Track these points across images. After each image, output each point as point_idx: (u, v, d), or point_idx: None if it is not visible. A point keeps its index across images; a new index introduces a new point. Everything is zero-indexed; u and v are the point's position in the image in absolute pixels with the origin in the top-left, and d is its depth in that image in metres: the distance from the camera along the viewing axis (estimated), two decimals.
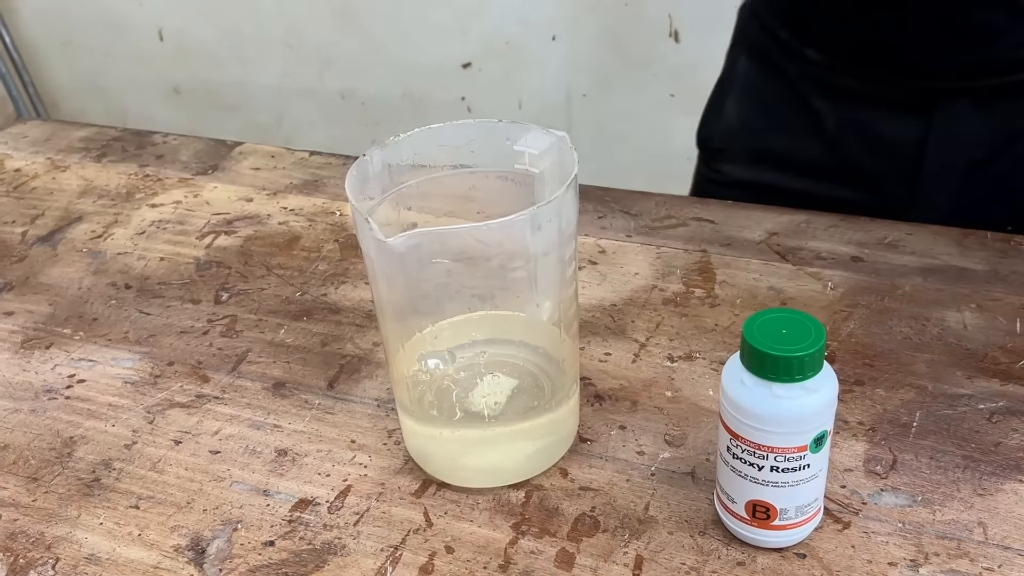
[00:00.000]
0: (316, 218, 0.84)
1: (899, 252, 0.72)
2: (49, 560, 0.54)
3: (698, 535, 0.52)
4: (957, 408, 0.58)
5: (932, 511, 0.52)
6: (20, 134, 1.04)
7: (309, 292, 0.74)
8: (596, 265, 0.74)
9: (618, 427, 0.59)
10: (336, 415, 0.62)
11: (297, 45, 1.88)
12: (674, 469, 0.56)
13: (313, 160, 0.94)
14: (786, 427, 0.46)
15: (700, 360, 0.64)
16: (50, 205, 0.89)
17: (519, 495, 0.55)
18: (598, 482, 0.55)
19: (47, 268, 0.80)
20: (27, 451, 0.61)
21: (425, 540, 0.53)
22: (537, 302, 0.55)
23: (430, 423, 0.56)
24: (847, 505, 0.53)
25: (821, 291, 0.69)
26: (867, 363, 0.62)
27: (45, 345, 0.71)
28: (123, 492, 0.58)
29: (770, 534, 0.50)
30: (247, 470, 0.58)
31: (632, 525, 0.52)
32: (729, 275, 0.71)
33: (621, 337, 0.66)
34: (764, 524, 0.49)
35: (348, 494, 0.56)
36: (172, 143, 0.99)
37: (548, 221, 0.48)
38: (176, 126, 1.93)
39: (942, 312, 0.66)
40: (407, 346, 0.55)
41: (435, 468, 0.57)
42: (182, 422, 0.62)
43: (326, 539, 0.53)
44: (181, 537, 0.54)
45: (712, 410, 0.60)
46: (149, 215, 0.87)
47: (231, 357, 0.68)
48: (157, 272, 0.78)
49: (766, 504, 0.48)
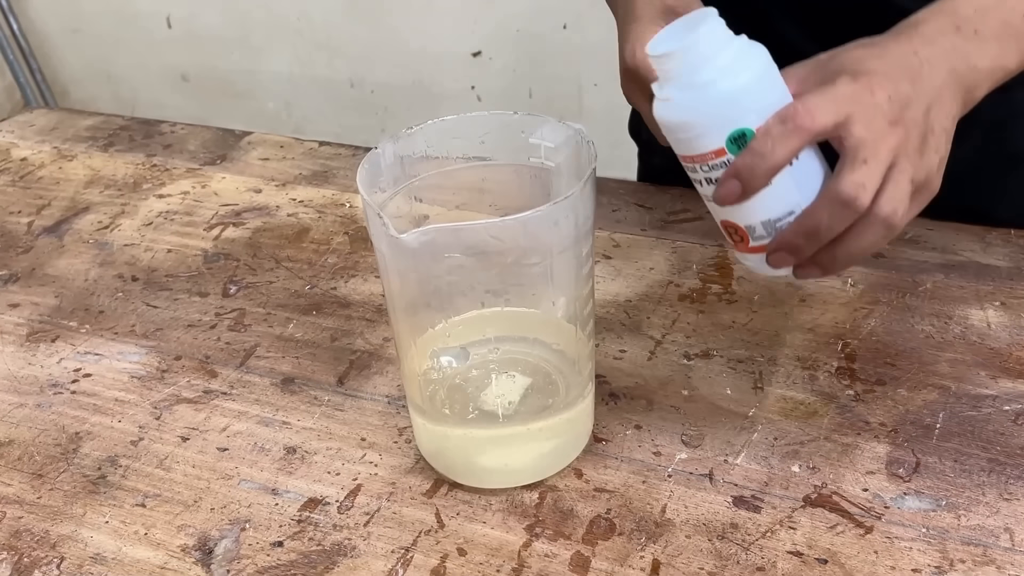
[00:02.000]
0: (326, 210, 0.83)
1: (920, 248, 0.71)
2: (54, 559, 0.53)
3: (716, 539, 0.50)
4: (981, 409, 0.57)
5: (957, 516, 0.51)
6: (27, 123, 1.02)
7: (319, 285, 0.73)
8: (610, 259, 0.73)
9: (634, 426, 0.58)
10: (346, 412, 0.61)
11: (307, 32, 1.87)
12: (691, 471, 0.54)
13: (323, 151, 0.92)
14: (685, 131, 0.45)
15: (717, 358, 0.62)
16: (56, 195, 0.88)
17: (533, 496, 0.54)
18: (613, 483, 0.54)
19: (53, 259, 0.79)
20: (32, 447, 0.60)
21: (437, 542, 0.52)
22: (552, 299, 0.53)
23: (442, 422, 0.55)
24: (869, 509, 0.51)
25: (841, 287, 0.67)
26: (889, 362, 0.61)
27: (51, 338, 0.70)
28: (129, 490, 0.57)
29: (754, 258, 0.48)
30: (255, 468, 0.57)
31: (649, 528, 0.51)
32: (747, 271, 0.70)
33: (636, 334, 0.65)
34: (743, 247, 0.48)
35: (358, 494, 0.55)
36: (180, 132, 0.98)
37: (565, 217, 0.47)
38: (185, 113, 1.92)
39: (965, 310, 0.65)
40: (419, 342, 0.54)
41: (447, 468, 0.55)
42: (189, 418, 0.61)
43: (336, 540, 0.52)
44: (188, 537, 0.53)
45: (730, 410, 0.58)
46: (156, 206, 0.85)
47: (239, 352, 0.67)
48: (164, 264, 0.77)
49: (732, 224, 0.47)
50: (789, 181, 0.45)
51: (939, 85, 0.48)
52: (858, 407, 0.58)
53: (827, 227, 0.46)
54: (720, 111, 0.44)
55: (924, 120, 0.47)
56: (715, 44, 0.44)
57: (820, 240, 0.46)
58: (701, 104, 0.44)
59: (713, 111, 0.44)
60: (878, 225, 0.46)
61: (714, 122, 0.45)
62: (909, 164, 0.46)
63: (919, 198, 0.47)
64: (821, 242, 0.46)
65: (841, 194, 0.45)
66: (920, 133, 0.46)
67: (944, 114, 0.48)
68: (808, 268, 0.48)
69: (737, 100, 0.44)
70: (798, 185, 0.46)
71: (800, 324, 0.64)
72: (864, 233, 0.46)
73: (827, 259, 0.47)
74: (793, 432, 0.56)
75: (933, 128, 0.47)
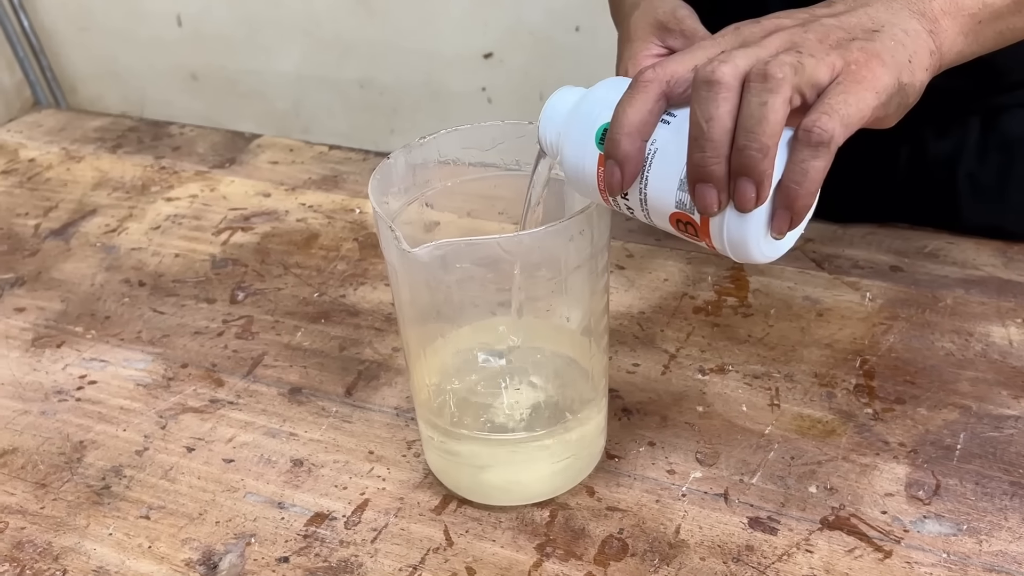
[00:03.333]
0: (335, 215, 0.82)
1: (940, 262, 0.70)
2: (56, 572, 0.52)
3: (731, 561, 0.49)
4: (1003, 430, 0.56)
5: (978, 541, 0.49)
6: (35, 123, 1.02)
7: (327, 293, 0.72)
8: (623, 270, 0.71)
9: (647, 443, 0.57)
10: (354, 424, 0.60)
11: (316, 32, 1.86)
12: (706, 490, 0.53)
13: (332, 155, 0.91)
14: (581, 169, 0.44)
15: (733, 373, 0.61)
16: (64, 197, 0.88)
17: (543, 514, 0.53)
18: (626, 502, 0.53)
19: (59, 263, 0.78)
20: (35, 455, 0.59)
21: (445, 560, 0.51)
22: (567, 315, 0.52)
23: (451, 436, 0.53)
24: (888, 533, 0.50)
25: (859, 302, 0.66)
26: (908, 380, 0.59)
27: (56, 344, 0.69)
28: (133, 501, 0.56)
29: (717, 230, 0.41)
30: (261, 480, 0.56)
31: (662, 549, 0.50)
32: (763, 283, 0.69)
33: (650, 347, 0.64)
34: (703, 228, 0.42)
35: (365, 509, 0.54)
36: (189, 134, 0.97)
37: (580, 232, 0.46)
38: (193, 113, 1.91)
39: (986, 327, 0.63)
40: (428, 352, 0.53)
41: (456, 483, 0.54)
42: (195, 428, 0.60)
43: (342, 556, 0.51)
44: (192, 551, 0.52)
45: (746, 427, 0.57)
46: (164, 209, 0.85)
47: (246, 360, 0.66)
48: (172, 269, 0.76)
49: (674, 217, 0.42)
50: (673, 137, 0.41)
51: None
52: (877, 426, 0.56)
53: (707, 117, 0.39)
54: (585, 125, 0.44)
55: (826, 20, 0.42)
56: (573, 95, 0.45)
57: (712, 138, 0.39)
58: (573, 135, 0.44)
59: (582, 129, 0.44)
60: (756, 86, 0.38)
61: (586, 139, 0.43)
62: (788, 35, 0.41)
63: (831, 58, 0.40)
64: (716, 140, 0.39)
65: (697, 76, 0.40)
66: (817, 26, 0.41)
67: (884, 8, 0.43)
68: (744, 188, 0.39)
69: (592, 107, 0.44)
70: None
71: (817, 339, 0.63)
72: (749, 104, 0.38)
73: (744, 161, 0.39)
74: (810, 451, 0.55)
75: (854, 23, 0.42)
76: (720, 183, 0.39)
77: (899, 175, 0.74)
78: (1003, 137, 0.71)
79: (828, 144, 0.38)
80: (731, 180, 0.39)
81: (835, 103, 0.39)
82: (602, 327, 0.52)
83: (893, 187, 0.74)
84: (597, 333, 0.52)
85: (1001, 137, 0.71)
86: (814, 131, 0.38)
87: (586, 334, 0.52)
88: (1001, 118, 0.71)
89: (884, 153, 0.73)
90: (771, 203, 0.40)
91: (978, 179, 0.72)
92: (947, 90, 0.69)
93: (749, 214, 0.40)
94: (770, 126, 0.38)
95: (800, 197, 0.39)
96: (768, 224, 0.40)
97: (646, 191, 0.42)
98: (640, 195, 0.43)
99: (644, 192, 0.42)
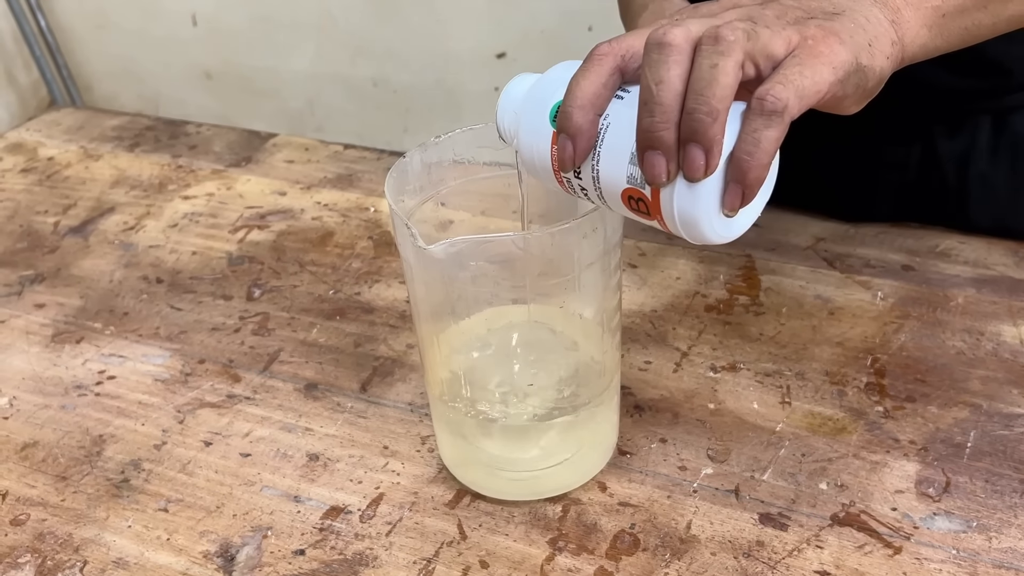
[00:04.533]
0: (350, 214, 0.82)
1: (951, 261, 0.70)
2: (77, 563, 0.53)
3: (742, 557, 0.50)
4: (1014, 428, 0.56)
5: (988, 538, 0.50)
6: (54, 122, 1.03)
7: (342, 290, 0.73)
8: (636, 268, 0.72)
9: (659, 440, 0.57)
10: (369, 419, 0.61)
11: (330, 31, 1.87)
12: (717, 486, 0.54)
13: (347, 154, 0.92)
14: (537, 151, 0.43)
15: (744, 371, 0.61)
16: (83, 195, 0.89)
17: (556, 509, 0.53)
18: (638, 498, 0.54)
19: (79, 260, 0.79)
20: (56, 449, 0.60)
21: (459, 553, 0.51)
22: (580, 312, 0.53)
23: (464, 431, 0.54)
24: (898, 529, 0.51)
25: (871, 301, 0.66)
26: (919, 379, 0.60)
27: (76, 339, 0.70)
28: (152, 494, 0.57)
29: (668, 206, 0.40)
30: (278, 474, 0.57)
31: (673, 544, 0.51)
32: (775, 282, 0.69)
33: (662, 345, 0.64)
34: (655, 205, 0.40)
35: (380, 502, 0.55)
36: (205, 133, 0.98)
37: (593, 230, 0.46)
38: (208, 111, 1.93)
39: (997, 326, 0.64)
40: (442, 348, 0.54)
41: (469, 478, 0.55)
42: (212, 423, 0.61)
43: (357, 549, 0.52)
44: (210, 543, 0.53)
45: (757, 424, 0.58)
46: (182, 207, 0.86)
47: (263, 356, 0.67)
48: (189, 266, 0.77)
49: (626, 193, 0.41)
50: (626, 111, 0.41)
51: None
52: (887, 424, 0.57)
53: (656, 80, 0.38)
54: (539, 106, 0.43)
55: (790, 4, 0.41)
56: (528, 80, 0.45)
57: (661, 102, 0.38)
58: (528, 117, 0.43)
59: (536, 110, 0.43)
60: (707, 48, 0.38)
61: (541, 119, 0.43)
62: (746, 10, 0.40)
63: (788, 32, 0.39)
64: (665, 104, 0.38)
65: (648, 40, 0.39)
66: (776, 5, 0.41)
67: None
68: (693, 154, 0.38)
69: (546, 88, 0.43)
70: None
71: (828, 338, 0.63)
72: (700, 66, 0.37)
73: (693, 126, 0.37)
74: (821, 448, 0.56)
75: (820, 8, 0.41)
76: (669, 150, 0.38)
77: (910, 175, 0.74)
78: (1014, 137, 0.71)
79: (782, 113, 0.37)
80: (680, 148, 0.38)
81: (790, 74, 0.38)
82: (615, 324, 0.52)
83: (904, 187, 0.74)
84: (610, 331, 0.52)
85: (1012, 137, 0.71)
86: (767, 99, 0.37)
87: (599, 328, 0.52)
88: (1012, 118, 0.71)
89: (895, 153, 0.74)
90: (723, 178, 0.39)
91: (988, 179, 0.72)
92: (957, 90, 0.69)
93: (700, 188, 0.38)
94: (720, 89, 0.37)
95: (752, 169, 0.38)
96: (720, 200, 0.39)
97: (598, 167, 0.41)
98: (592, 172, 0.42)
99: (596, 169, 0.41)
